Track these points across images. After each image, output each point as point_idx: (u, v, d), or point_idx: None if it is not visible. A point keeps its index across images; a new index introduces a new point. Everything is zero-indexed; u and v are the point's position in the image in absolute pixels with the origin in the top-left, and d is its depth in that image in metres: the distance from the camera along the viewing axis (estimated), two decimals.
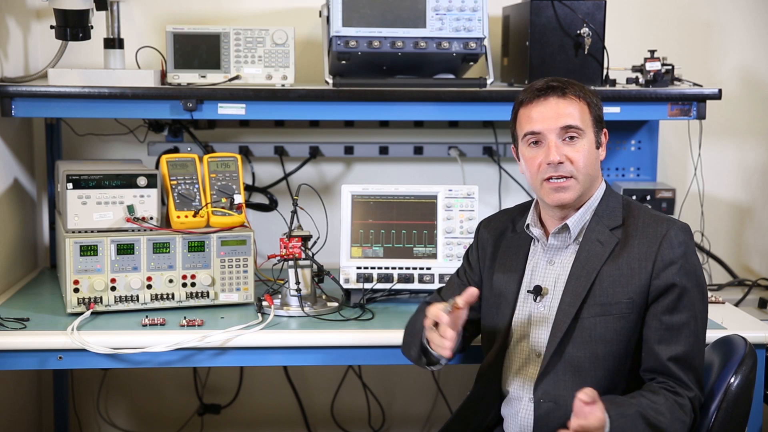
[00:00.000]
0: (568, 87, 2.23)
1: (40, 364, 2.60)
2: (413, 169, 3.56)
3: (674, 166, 3.60)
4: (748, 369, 2.15)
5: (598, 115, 2.27)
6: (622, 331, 2.17)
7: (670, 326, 2.14)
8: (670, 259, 2.16)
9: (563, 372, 2.20)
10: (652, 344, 2.16)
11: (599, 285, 2.19)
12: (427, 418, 3.71)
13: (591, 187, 2.26)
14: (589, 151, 2.23)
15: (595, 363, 2.18)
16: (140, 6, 3.37)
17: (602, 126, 2.29)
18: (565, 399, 2.17)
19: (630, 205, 2.30)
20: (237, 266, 2.85)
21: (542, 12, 3.02)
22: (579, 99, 2.23)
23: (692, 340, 2.15)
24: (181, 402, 3.63)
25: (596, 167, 2.27)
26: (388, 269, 2.91)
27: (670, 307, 2.15)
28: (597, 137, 2.26)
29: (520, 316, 2.30)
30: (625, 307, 2.17)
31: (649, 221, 2.23)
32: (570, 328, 2.19)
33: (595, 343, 2.18)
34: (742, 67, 3.59)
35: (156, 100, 2.95)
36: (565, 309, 2.20)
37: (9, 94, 2.89)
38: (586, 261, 2.22)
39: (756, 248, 3.69)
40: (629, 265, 2.18)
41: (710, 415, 2.13)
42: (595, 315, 2.18)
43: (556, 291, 2.25)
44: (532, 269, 2.32)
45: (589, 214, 2.26)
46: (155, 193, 2.82)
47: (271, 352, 2.64)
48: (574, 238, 2.26)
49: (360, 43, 2.94)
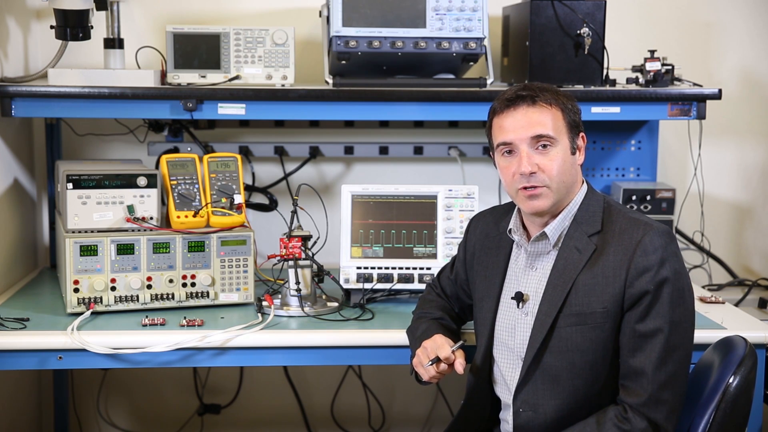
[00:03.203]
0: (539, 94, 2.18)
1: (40, 364, 2.60)
2: (413, 169, 3.56)
3: (674, 166, 3.61)
4: (747, 369, 2.14)
5: (574, 119, 2.21)
6: (598, 340, 2.13)
7: (641, 334, 2.09)
8: (643, 267, 2.10)
9: (542, 381, 2.19)
10: (624, 353, 2.13)
11: (575, 294, 2.15)
12: (427, 418, 3.71)
13: (569, 192, 2.22)
14: (563, 158, 2.18)
15: (573, 372, 2.15)
16: (140, 6, 3.37)
17: (579, 130, 2.23)
18: (544, 408, 2.18)
19: (610, 209, 2.23)
20: (237, 266, 2.85)
21: (542, 12, 3.02)
22: (550, 106, 2.18)
23: (662, 348, 2.08)
24: (181, 402, 3.64)
25: (572, 173, 2.22)
26: (388, 269, 2.91)
27: (642, 315, 2.10)
28: (572, 143, 2.21)
29: (503, 321, 2.30)
30: (599, 316, 2.13)
31: (626, 227, 2.16)
32: (547, 337, 2.17)
33: (572, 353, 2.15)
34: (742, 67, 3.59)
35: (156, 100, 2.95)
36: (542, 318, 2.18)
37: (9, 94, 2.89)
38: (564, 269, 2.19)
39: (756, 248, 3.69)
40: (604, 274, 2.14)
41: (708, 414, 2.13)
42: (571, 324, 2.15)
43: (537, 297, 2.23)
44: (515, 274, 2.30)
45: (568, 220, 2.22)
46: (155, 193, 2.82)
47: (271, 352, 2.64)
48: (553, 244, 2.23)
49: (360, 43, 2.94)
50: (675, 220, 3.35)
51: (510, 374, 2.27)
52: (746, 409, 2.18)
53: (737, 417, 2.15)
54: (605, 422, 2.10)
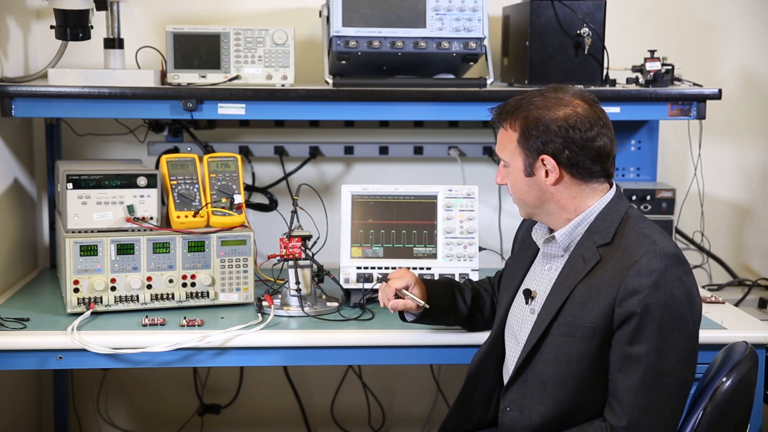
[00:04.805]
0: (504, 114, 2.21)
1: (40, 364, 2.60)
2: (413, 169, 3.56)
3: (674, 166, 3.60)
4: (742, 371, 2.10)
5: (537, 143, 2.14)
6: (585, 353, 2.11)
7: (628, 355, 2.06)
8: (633, 288, 2.03)
9: (531, 384, 2.19)
10: (612, 370, 2.10)
11: (570, 304, 2.14)
12: (427, 418, 3.71)
13: (547, 210, 2.20)
14: (515, 179, 2.21)
15: (559, 382, 2.14)
16: (140, 6, 3.37)
17: (541, 152, 2.14)
18: (530, 411, 2.18)
19: (627, 221, 2.17)
20: (237, 266, 2.85)
21: (542, 12, 3.02)
22: (508, 128, 2.20)
23: (646, 374, 2.03)
24: (181, 402, 3.64)
25: (533, 194, 2.19)
26: (388, 269, 2.91)
27: (631, 336, 2.05)
28: (527, 165, 2.17)
29: (514, 313, 2.32)
30: (587, 331, 2.10)
31: (632, 242, 2.10)
32: (540, 341, 2.17)
33: (561, 362, 2.14)
34: (742, 67, 3.59)
35: (156, 100, 2.95)
36: (539, 324, 2.18)
37: (9, 94, 2.89)
38: (567, 276, 2.18)
39: (756, 248, 3.69)
40: (598, 288, 2.10)
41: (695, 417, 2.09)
42: (562, 334, 2.14)
43: (543, 298, 2.23)
44: (534, 270, 2.32)
45: (581, 228, 2.20)
46: (155, 193, 2.82)
47: (271, 352, 2.64)
48: (564, 248, 2.23)
49: (360, 43, 2.94)
50: (675, 220, 3.35)
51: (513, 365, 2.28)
52: (742, 411, 2.16)
53: (731, 419, 2.12)
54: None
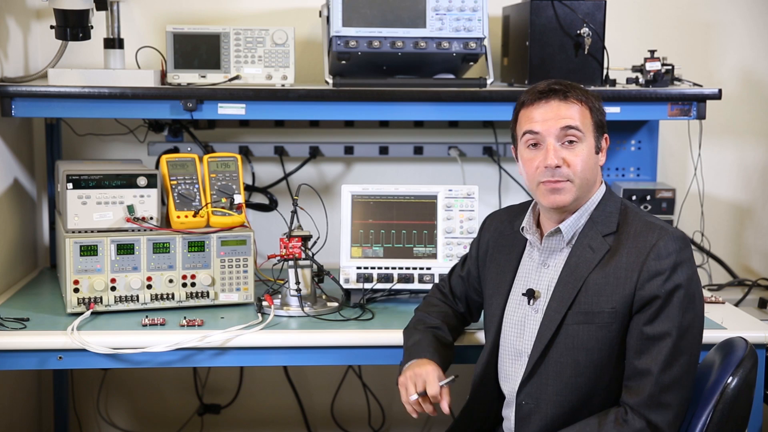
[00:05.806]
0: (571, 90, 2.22)
1: (40, 364, 2.60)
2: (413, 169, 3.56)
3: (674, 166, 3.60)
4: (746, 370, 2.12)
5: (600, 120, 2.24)
6: (604, 340, 2.14)
7: (649, 337, 2.10)
8: (656, 271, 2.10)
9: (546, 376, 2.20)
10: (630, 354, 2.13)
11: (585, 293, 2.16)
12: (428, 418, 3.70)
13: (588, 191, 2.24)
14: (588, 155, 2.20)
15: (577, 370, 2.16)
16: (140, 6, 3.37)
17: (603, 131, 2.26)
18: (546, 402, 2.19)
19: (627, 211, 2.25)
20: (237, 266, 2.85)
21: (542, 12, 3.02)
22: (581, 103, 2.21)
23: (669, 352, 2.08)
24: (181, 402, 3.63)
25: (594, 172, 2.24)
26: (388, 269, 2.91)
27: (651, 318, 2.10)
28: (597, 142, 2.24)
29: (513, 318, 2.30)
30: (607, 316, 2.13)
31: (642, 229, 2.17)
32: (555, 334, 2.18)
33: (577, 351, 2.16)
34: (742, 67, 3.59)
35: (156, 100, 2.95)
36: (551, 315, 2.19)
37: (9, 94, 2.89)
38: (575, 267, 2.20)
39: (756, 248, 3.69)
40: (616, 275, 2.14)
41: (706, 414, 2.12)
42: (578, 323, 2.16)
43: (548, 294, 2.24)
44: (527, 271, 2.32)
45: (584, 219, 2.24)
46: (155, 193, 2.82)
47: (271, 352, 2.64)
48: (567, 241, 2.25)
49: (360, 43, 2.94)
50: (675, 220, 3.35)
51: (514, 370, 2.28)
52: (745, 410, 2.18)
53: (735, 418, 2.15)
54: (606, 423, 2.11)
